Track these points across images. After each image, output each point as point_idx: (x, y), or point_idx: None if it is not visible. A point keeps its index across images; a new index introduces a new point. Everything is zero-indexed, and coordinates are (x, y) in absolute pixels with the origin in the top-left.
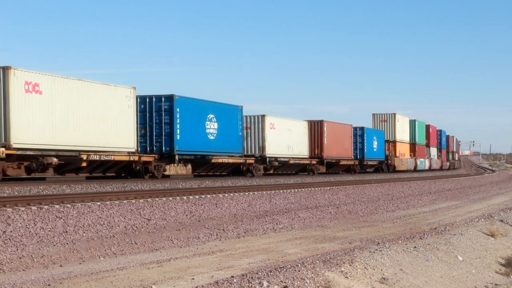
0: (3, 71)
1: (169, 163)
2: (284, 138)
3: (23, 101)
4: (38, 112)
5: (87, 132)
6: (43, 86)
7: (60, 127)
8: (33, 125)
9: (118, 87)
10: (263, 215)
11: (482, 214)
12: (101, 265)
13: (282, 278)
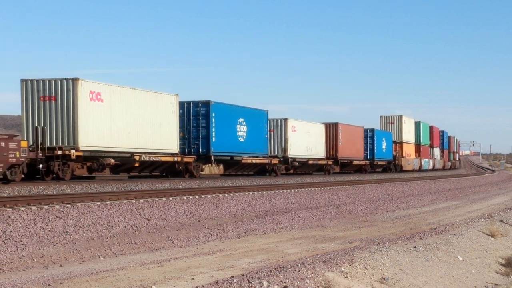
0: (72, 82)
1: (206, 163)
2: (304, 140)
3: (88, 109)
4: (100, 118)
5: (139, 136)
6: (104, 95)
7: (117, 131)
8: (96, 130)
9: (163, 94)
10: (263, 215)
11: (482, 214)
12: (101, 265)
13: (282, 278)
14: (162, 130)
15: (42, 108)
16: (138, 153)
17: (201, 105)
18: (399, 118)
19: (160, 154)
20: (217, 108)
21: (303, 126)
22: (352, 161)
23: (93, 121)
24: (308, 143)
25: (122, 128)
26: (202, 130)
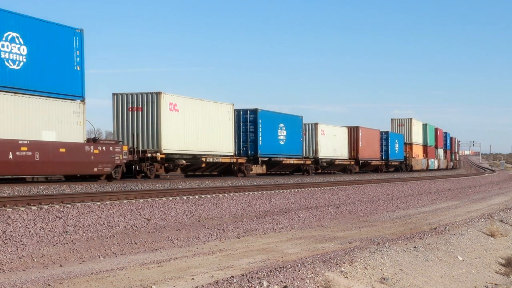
0: (156, 95)
1: (254, 164)
2: (331, 142)
3: (168, 118)
4: (176, 125)
5: (205, 140)
6: (179, 106)
7: (189, 137)
8: (173, 136)
9: (222, 104)
10: (263, 215)
11: (482, 214)
12: (101, 265)
13: (282, 278)
14: (221, 135)
15: (130, 118)
16: (205, 155)
17: (250, 112)
18: (409, 121)
19: (221, 156)
20: (263, 115)
21: (330, 129)
22: (371, 161)
23: (172, 128)
24: (334, 145)
25: (192, 133)
26: (250, 135)
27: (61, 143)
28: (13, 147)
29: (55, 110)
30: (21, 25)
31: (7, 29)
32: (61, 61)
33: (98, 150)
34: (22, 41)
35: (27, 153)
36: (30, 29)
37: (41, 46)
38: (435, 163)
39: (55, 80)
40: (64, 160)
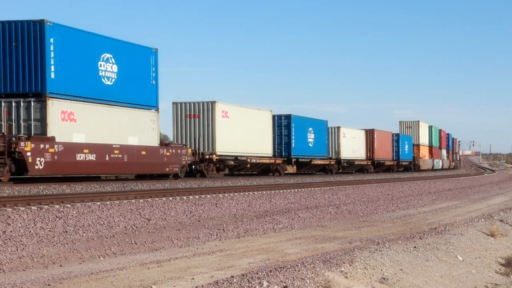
0: (211, 104)
1: (287, 164)
2: (351, 144)
3: (221, 124)
4: (227, 130)
5: (249, 143)
6: (229, 113)
7: (237, 140)
8: (225, 139)
9: (263, 110)
10: (263, 215)
11: (482, 214)
12: (101, 265)
13: (282, 278)
14: (262, 138)
15: (188, 123)
16: (250, 156)
17: (284, 118)
18: (416, 124)
19: (262, 157)
20: (295, 120)
21: (350, 132)
22: (384, 161)
23: (223, 133)
24: (354, 147)
25: (239, 137)
26: (284, 138)
27: (142, 147)
28: (108, 150)
29: (137, 119)
30: (113, 47)
31: (103, 51)
32: (141, 77)
33: (170, 153)
34: (114, 60)
35: (118, 155)
36: (119, 50)
37: (127, 64)
38: (439, 163)
39: (137, 93)
40: (144, 161)
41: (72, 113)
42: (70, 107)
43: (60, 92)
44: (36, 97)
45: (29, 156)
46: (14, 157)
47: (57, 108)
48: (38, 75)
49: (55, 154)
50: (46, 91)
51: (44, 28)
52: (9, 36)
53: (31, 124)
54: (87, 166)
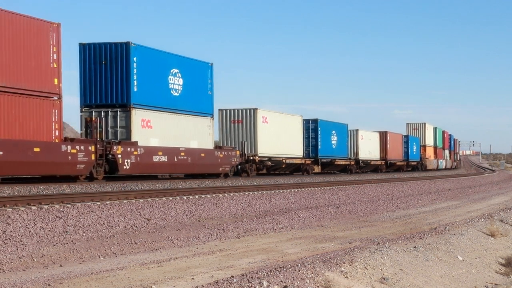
0: (254, 111)
1: (314, 164)
2: (367, 145)
3: (261, 128)
4: (267, 134)
5: (284, 145)
6: (269, 118)
7: (274, 143)
8: (265, 142)
9: (295, 116)
10: (263, 215)
11: (482, 214)
12: (101, 265)
13: (282, 278)
14: (295, 141)
15: (232, 128)
16: (285, 157)
17: (311, 122)
18: (423, 125)
19: (295, 158)
20: (321, 124)
21: (367, 135)
22: (395, 162)
23: (264, 136)
24: (370, 148)
25: (276, 140)
26: (312, 140)
27: (201, 150)
28: (176, 152)
29: (197, 125)
30: (179, 62)
31: (172, 67)
32: (201, 88)
33: (222, 155)
34: (180, 75)
35: (184, 157)
36: (184, 66)
37: (190, 77)
38: (443, 163)
39: (197, 102)
40: (203, 162)
41: (149, 120)
42: (148, 115)
43: (141, 103)
44: (122, 108)
45: (120, 158)
46: (108, 158)
47: (138, 116)
48: (124, 89)
49: (138, 156)
50: (130, 102)
51: (129, 49)
52: (99, 56)
53: (117, 131)
54: (161, 167)
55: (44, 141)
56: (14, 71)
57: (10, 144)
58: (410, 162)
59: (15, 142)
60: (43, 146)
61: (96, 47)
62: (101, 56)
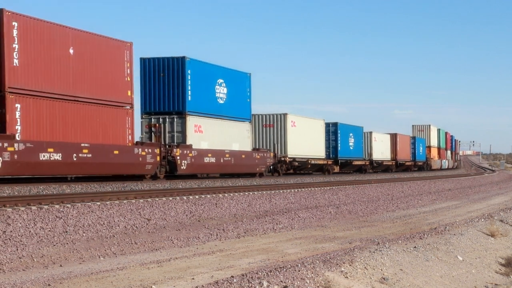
0: (283, 116)
1: (334, 164)
2: (380, 147)
3: (290, 132)
4: (295, 137)
5: (310, 147)
6: (297, 123)
7: (301, 145)
8: (293, 144)
9: (318, 119)
10: (263, 215)
11: (482, 214)
12: (101, 265)
13: (282, 278)
14: (318, 143)
15: (264, 132)
16: (310, 158)
17: (331, 125)
18: (428, 127)
19: (318, 159)
20: (341, 127)
21: (379, 137)
22: (404, 162)
23: (292, 139)
24: (382, 149)
25: (303, 142)
26: (332, 142)
27: (242, 152)
28: (222, 154)
29: (238, 129)
30: (224, 73)
31: (218, 77)
32: (241, 96)
33: (259, 156)
34: (224, 84)
35: (228, 158)
36: (228, 76)
37: (233, 86)
38: (446, 163)
39: (238, 109)
40: (244, 163)
41: (200, 126)
42: (199, 121)
43: (193, 110)
44: (178, 115)
45: (178, 159)
46: (168, 160)
47: (192, 122)
48: (180, 98)
49: (192, 157)
50: (185, 110)
51: (185, 63)
52: (158, 69)
53: (174, 135)
54: (210, 167)
55: (121, 145)
56: (98, 85)
57: (97, 147)
58: (417, 162)
59: (100, 146)
60: (120, 149)
61: (155, 61)
62: (159, 69)
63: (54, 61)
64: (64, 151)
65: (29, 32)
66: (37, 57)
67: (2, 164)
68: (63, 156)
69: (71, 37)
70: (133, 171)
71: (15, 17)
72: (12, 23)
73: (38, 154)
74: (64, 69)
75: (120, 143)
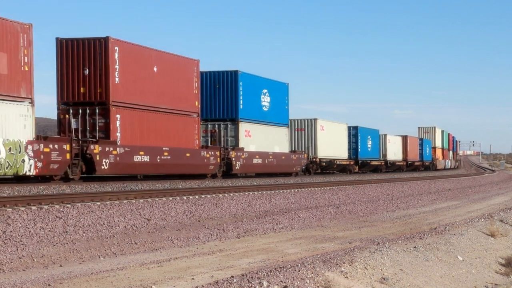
0: (314, 121)
1: (355, 165)
2: (393, 148)
3: (320, 135)
4: (323, 140)
5: (335, 149)
6: (325, 127)
7: (328, 147)
8: (323, 146)
9: (342, 124)
10: (263, 215)
11: (482, 214)
12: (101, 265)
13: (282, 278)
14: (342, 145)
15: (297, 135)
16: (336, 159)
17: (352, 128)
18: (433, 129)
19: (342, 160)
20: (361, 130)
21: (393, 139)
22: (414, 162)
23: (322, 142)
24: (395, 150)
25: (330, 145)
26: (353, 144)
27: (282, 153)
28: (267, 156)
29: (278, 133)
30: (267, 84)
31: (263, 88)
32: (281, 103)
33: (296, 157)
34: (268, 94)
35: (271, 160)
36: (270, 86)
37: (274, 95)
38: (449, 163)
39: (278, 115)
40: (283, 164)
41: (249, 131)
42: (249, 127)
43: (244, 117)
44: (231, 121)
45: (233, 160)
46: (225, 161)
47: (243, 128)
48: (233, 107)
49: (244, 159)
50: (238, 117)
51: (237, 76)
52: (213, 81)
53: (227, 139)
54: (257, 167)
55: (191, 148)
56: (175, 97)
57: (175, 151)
58: (425, 163)
59: (177, 149)
60: (191, 152)
61: (211, 74)
62: (215, 81)
63: (143, 78)
64: (151, 153)
65: (125, 54)
66: (131, 75)
67: (109, 165)
68: (150, 158)
69: (154, 57)
70: (200, 170)
71: (117, 42)
72: (115, 48)
73: (133, 156)
74: (150, 85)
75: (190, 147)
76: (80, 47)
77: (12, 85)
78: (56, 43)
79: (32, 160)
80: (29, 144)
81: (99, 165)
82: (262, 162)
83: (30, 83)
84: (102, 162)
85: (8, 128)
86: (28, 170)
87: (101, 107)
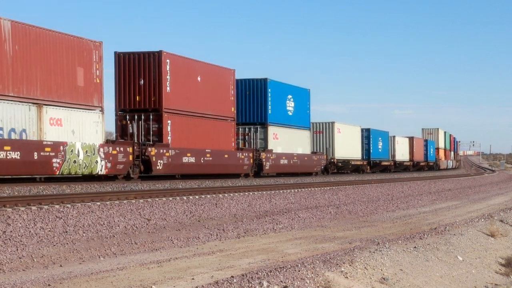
0: (331, 124)
1: (368, 165)
2: (401, 149)
3: (337, 137)
4: (341, 142)
5: (351, 150)
6: (342, 130)
7: (344, 148)
8: (339, 148)
9: (356, 126)
10: (263, 215)
11: (482, 214)
12: (101, 265)
13: (282, 278)
14: (356, 146)
15: (315, 137)
16: (351, 159)
17: (364, 130)
18: (436, 130)
19: (357, 160)
20: (373, 132)
21: (400, 140)
22: (420, 162)
23: (338, 143)
24: (403, 151)
25: (346, 146)
26: (365, 146)
27: (304, 154)
28: (292, 157)
29: (301, 136)
30: (291, 90)
31: (288, 94)
32: (303, 108)
33: (316, 158)
34: (292, 99)
35: (296, 160)
36: (294, 92)
37: (298, 100)
38: (451, 163)
39: (301, 119)
40: (306, 164)
41: (277, 134)
42: (276, 130)
43: (272, 121)
44: (261, 125)
45: (264, 160)
46: (257, 162)
47: (271, 131)
48: (262, 112)
49: (273, 160)
50: (267, 121)
51: (267, 83)
52: (245, 88)
53: (257, 142)
54: (284, 167)
55: (229, 150)
56: (215, 103)
57: (215, 152)
58: (429, 163)
59: (217, 151)
60: (228, 153)
61: (243, 82)
62: (246, 87)
63: (189, 86)
64: (196, 155)
65: (175, 66)
66: (180, 84)
67: (163, 165)
68: (196, 159)
69: (198, 68)
70: (236, 170)
71: (168, 55)
72: (166, 60)
73: (182, 157)
74: (195, 93)
75: (228, 149)
76: (136, 60)
77: (87, 95)
78: (114, 56)
79: (103, 161)
80: (101, 147)
81: (155, 165)
82: (288, 162)
83: (100, 93)
84: (157, 163)
85: (84, 133)
86: (100, 170)
87: (155, 113)
